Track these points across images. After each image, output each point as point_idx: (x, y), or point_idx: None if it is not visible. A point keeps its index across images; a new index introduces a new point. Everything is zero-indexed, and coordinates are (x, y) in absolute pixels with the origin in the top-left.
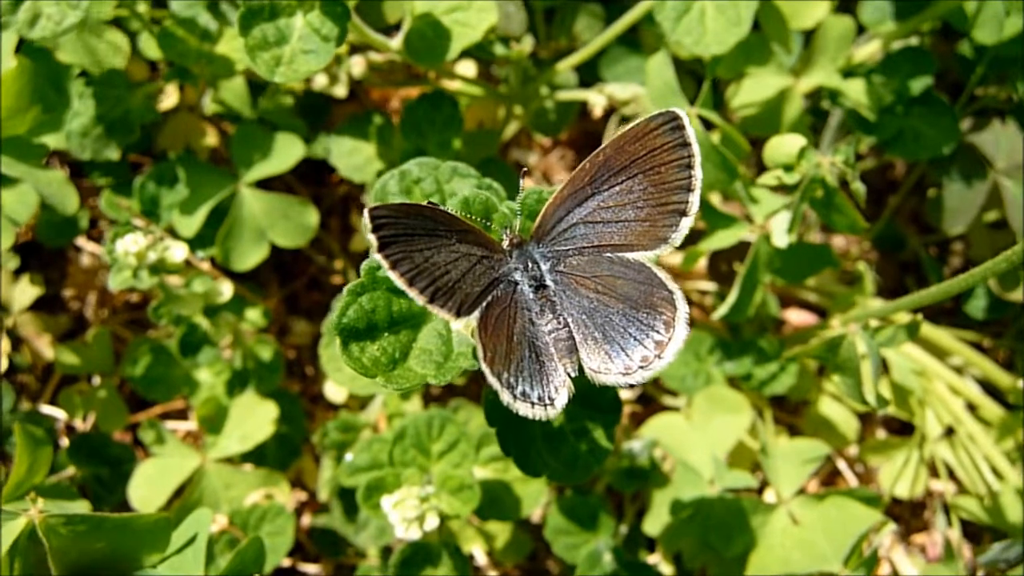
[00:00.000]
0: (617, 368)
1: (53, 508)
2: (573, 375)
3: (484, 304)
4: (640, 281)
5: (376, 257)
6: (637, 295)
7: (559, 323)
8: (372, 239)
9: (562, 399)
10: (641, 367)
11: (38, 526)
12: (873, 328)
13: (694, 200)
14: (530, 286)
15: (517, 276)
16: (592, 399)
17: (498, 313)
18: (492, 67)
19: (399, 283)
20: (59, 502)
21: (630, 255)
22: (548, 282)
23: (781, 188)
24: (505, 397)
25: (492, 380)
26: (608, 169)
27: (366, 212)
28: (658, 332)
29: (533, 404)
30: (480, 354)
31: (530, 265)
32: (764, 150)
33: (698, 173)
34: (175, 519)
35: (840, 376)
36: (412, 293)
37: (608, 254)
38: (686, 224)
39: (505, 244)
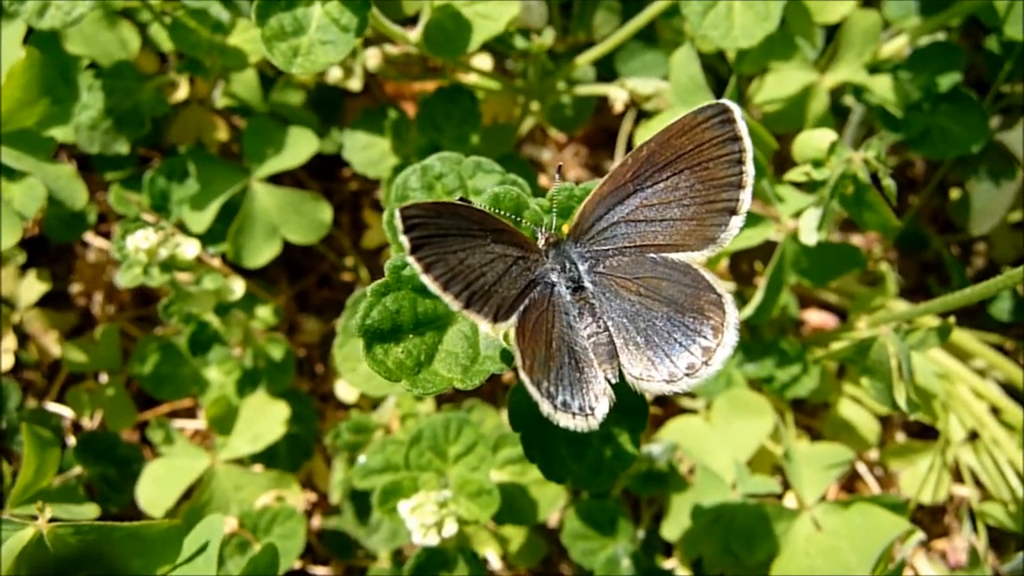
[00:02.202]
0: (661, 375)
1: (61, 513)
2: (613, 382)
3: (521, 308)
4: (686, 284)
5: (408, 260)
6: (683, 298)
7: (599, 327)
8: (404, 241)
9: (603, 408)
10: (687, 374)
11: (46, 536)
12: (904, 331)
13: (745, 198)
14: (567, 288)
15: (554, 277)
16: (618, 403)
17: (536, 317)
18: (507, 61)
19: (433, 288)
20: (66, 505)
21: (675, 256)
22: (587, 284)
23: (808, 185)
24: (545, 408)
25: (532, 390)
26: (652, 165)
27: (397, 212)
28: (706, 338)
29: (574, 415)
30: (519, 361)
31: (568, 266)
32: (793, 146)
33: (750, 169)
34: (185, 523)
35: (870, 379)
36: (447, 298)
37: (651, 255)
38: (736, 223)
39: (540, 243)
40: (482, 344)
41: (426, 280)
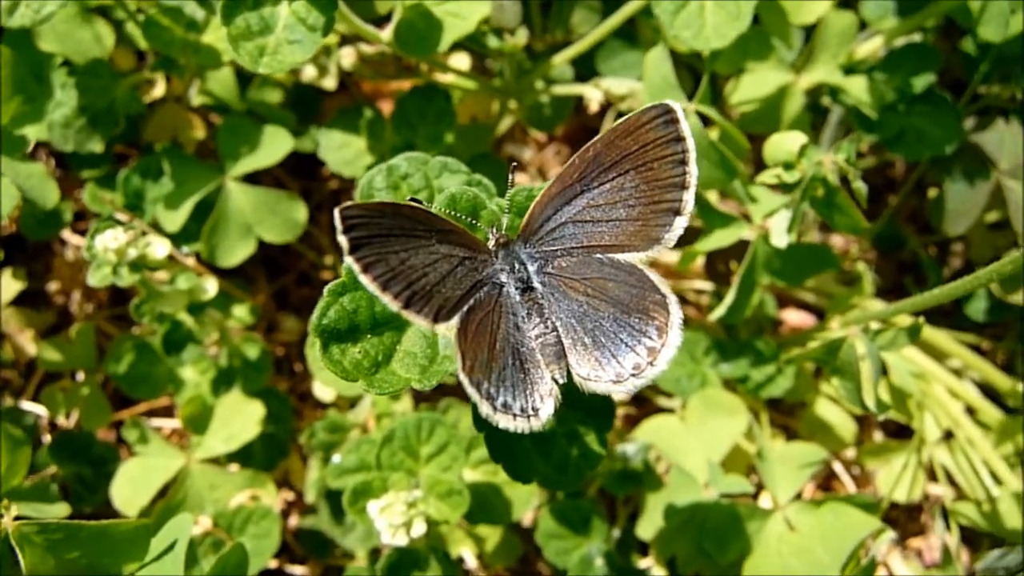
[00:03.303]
0: (608, 375)
1: (31, 512)
2: (561, 382)
3: (465, 308)
4: (632, 284)
5: (347, 260)
6: (628, 299)
7: (546, 327)
8: (343, 240)
9: (547, 409)
10: (633, 375)
11: (11, 535)
12: (874, 331)
13: (688, 198)
14: (516, 288)
15: (503, 278)
16: (584, 401)
17: (480, 318)
18: (486, 60)
19: (371, 288)
20: (37, 504)
21: (621, 256)
22: (535, 284)
23: (781, 187)
24: (484, 409)
25: (471, 391)
26: (598, 165)
27: (336, 213)
28: (650, 338)
29: (515, 416)
30: (459, 362)
31: (516, 266)
32: (764, 148)
33: (693, 169)
34: (156, 523)
35: (839, 380)
36: (386, 298)
37: (598, 255)
38: (680, 224)
39: (490, 244)
40: (441, 344)
41: (364, 280)
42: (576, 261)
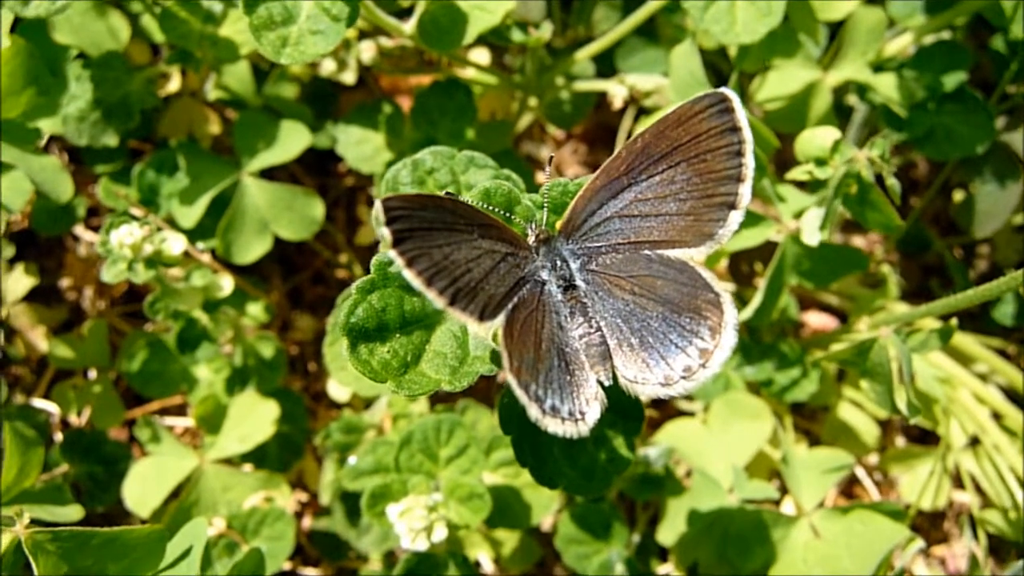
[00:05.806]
0: (656, 378)
1: (44, 514)
2: (606, 384)
3: (509, 307)
4: (682, 282)
5: (390, 254)
6: (679, 297)
7: (591, 327)
8: (386, 233)
9: (594, 413)
10: (683, 377)
11: (24, 543)
12: (904, 333)
13: (745, 192)
14: (558, 286)
15: (544, 275)
16: (613, 405)
17: (524, 317)
18: (505, 56)
19: (416, 283)
20: (49, 507)
21: (671, 253)
22: (578, 282)
23: (810, 185)
24: (533, 412)
25: (519, 393)
26: (647, 157)
27: (378, 203)
28: (702, 339)
29: (563, 419)
30: (506, 363)
31: (558, 263)
32: (795, 143)
33: (750, 161)
34: (170, 525)
35: (870, 382)
36: (431, 294)
37: (646, 251)
38: (735, 218)
39: (531, 240)
40: (471, 344)
41: (409, 275)
42: (622, 258)
